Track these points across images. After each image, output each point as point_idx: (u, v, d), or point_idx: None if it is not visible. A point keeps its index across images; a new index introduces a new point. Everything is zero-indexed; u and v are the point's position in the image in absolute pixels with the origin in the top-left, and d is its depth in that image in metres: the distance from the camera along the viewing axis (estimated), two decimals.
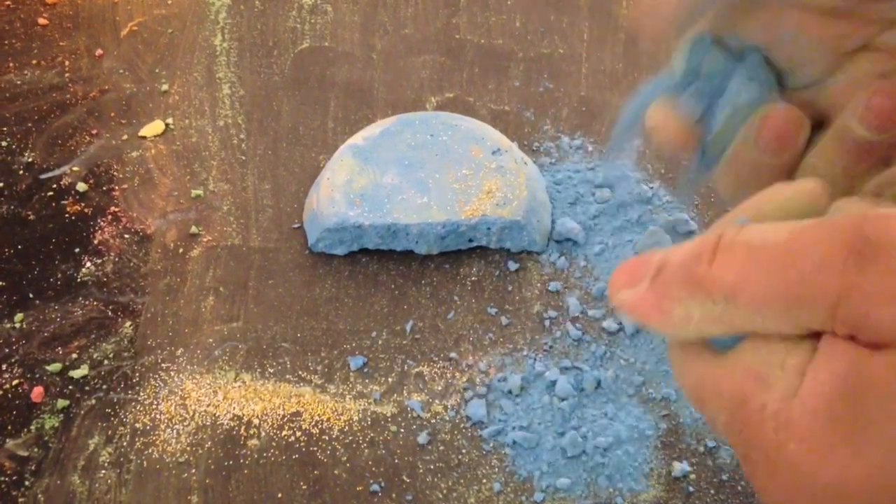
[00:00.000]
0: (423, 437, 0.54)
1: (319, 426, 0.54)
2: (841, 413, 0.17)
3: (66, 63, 0.74)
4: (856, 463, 0.17)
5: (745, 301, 0.18)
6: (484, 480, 0.52)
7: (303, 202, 0.65)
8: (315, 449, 0.53)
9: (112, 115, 0.70)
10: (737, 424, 0.19)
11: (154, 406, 0.55)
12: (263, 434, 0.54)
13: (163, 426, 0.54)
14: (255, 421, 0.54)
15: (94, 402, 0.55)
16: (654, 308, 0.19)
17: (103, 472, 0.52)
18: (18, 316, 0.58)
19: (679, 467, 0.53)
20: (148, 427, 0.54)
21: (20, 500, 0.51)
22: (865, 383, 0.17)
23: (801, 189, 0.21)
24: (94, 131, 0.69)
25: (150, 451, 0.53)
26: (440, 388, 0.56)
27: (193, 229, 0.63)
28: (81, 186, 0.65)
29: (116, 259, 0.62)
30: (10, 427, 0.53)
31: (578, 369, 0.57)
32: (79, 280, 0.60)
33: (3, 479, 0.51)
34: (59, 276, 0.61)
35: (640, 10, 0.26)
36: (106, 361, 0.57)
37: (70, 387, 0.55)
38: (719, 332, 0.19)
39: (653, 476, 0.53)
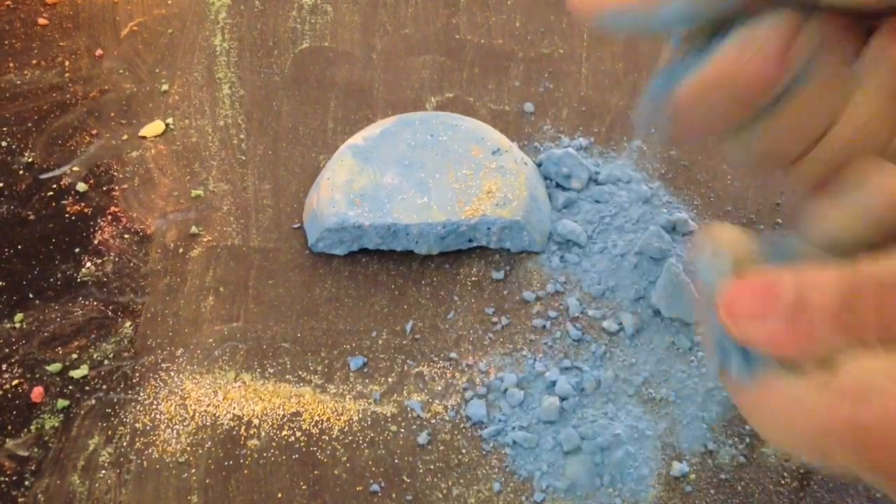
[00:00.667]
0: (423, 437, 0.54)
1: (319, 426, 0.54)
2: None
3: (66, 63, 0.74)
4: None
5: (892, 339, 0.19)
6: (484, 480, 0.52)
7: (303, 202, 0.65)
8: (315, 449, 0.53)
9: (112, 115, 0.70)
10: (864, 443, 0.19)
11: (154, 406, 0.55)
12: (263, 434, 0.54)
13: (163, 426, 0.54)
14: (255, 421, 0.54)
15: (94, 402, 0.55)
16: (800, 347, 0.20)
17: (103, 472, 0.52)
18: (18, 316, 0.58)
19: (679, 467, 0.53)
20: (148, 427, 0.54)
21: (20, 500, 0.51)
22: None
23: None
24: (94, 131, 0.69)
25: (150, 451, 0.53)
26: (440, 388, 0.56)
27: (193, 229, 0.63)
28: (81, 186, 0.65)
29: (116, 259, 0.62)
30: (10, 427, 0.54)
31: (578, 369, 0.57)
32: (79, 280, 0.60)
33: (3, 479, 0.51)
34: (59, 276, 0.61)
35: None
36: (106, 361, 0.57)
37: (70, 387, 0.55)
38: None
39: (653, 476, 0.53)
